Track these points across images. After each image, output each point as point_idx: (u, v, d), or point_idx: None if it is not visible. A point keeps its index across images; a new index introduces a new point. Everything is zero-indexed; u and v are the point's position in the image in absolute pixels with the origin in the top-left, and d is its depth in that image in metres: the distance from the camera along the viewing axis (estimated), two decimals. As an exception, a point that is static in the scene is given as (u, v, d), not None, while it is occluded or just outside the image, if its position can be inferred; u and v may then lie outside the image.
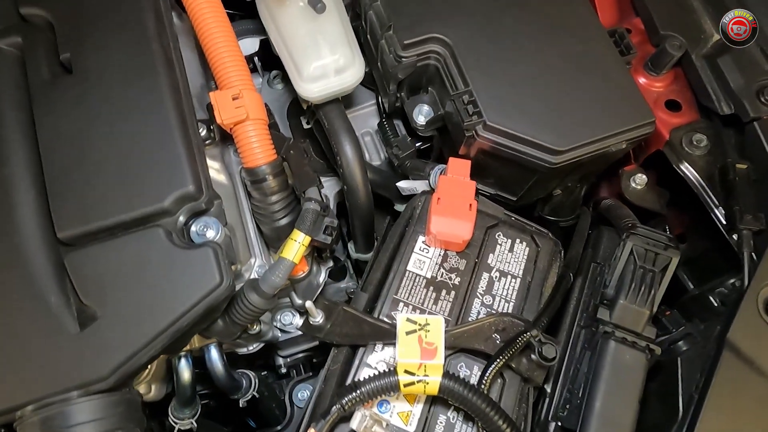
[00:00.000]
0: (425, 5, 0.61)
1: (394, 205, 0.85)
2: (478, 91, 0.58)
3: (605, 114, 0.57)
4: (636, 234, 0.62)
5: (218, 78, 0.64)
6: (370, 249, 0.83)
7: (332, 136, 0.68)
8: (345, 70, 0.63)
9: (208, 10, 0.64)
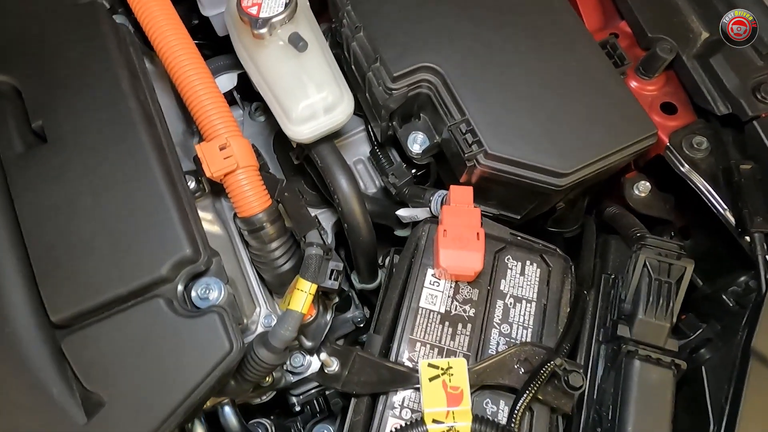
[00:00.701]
0: (411, 34, 0.59)
1: (394, 230, 0.83)
2: (475, 119, 0.56)
3: (607, 131, 0.56)
4: (647, 246, 0.61)
5: (203, 129, 0.61)
6: (374, 279, 0.81)
7: (327, 174, 0.66)
8: (334, 108, 0.61)
9: (184, 57, 0.61)
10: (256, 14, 0.58)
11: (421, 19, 0.60)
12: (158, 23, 0.62)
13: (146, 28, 0.62)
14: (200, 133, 0.63)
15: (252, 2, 0.59)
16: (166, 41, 0.61)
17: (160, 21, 0.62)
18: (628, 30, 0.71)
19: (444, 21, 0.60)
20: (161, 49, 0.62)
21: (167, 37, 0.61)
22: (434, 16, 0.60)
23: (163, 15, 0.62)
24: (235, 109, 0.94)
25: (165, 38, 0.61)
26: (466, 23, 0.60)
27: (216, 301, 0.55)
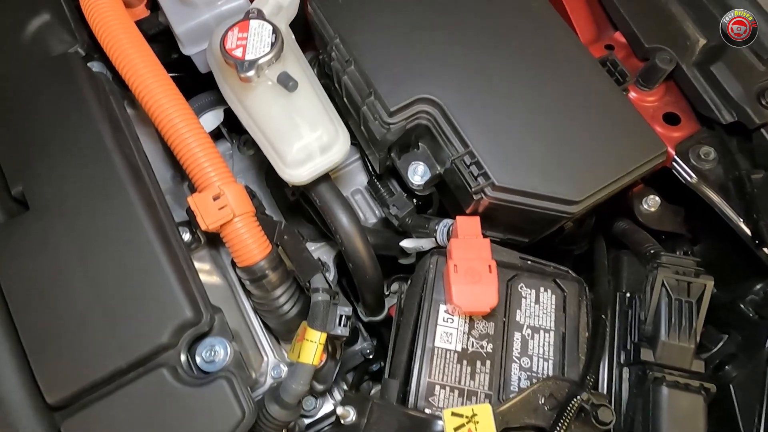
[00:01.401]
0: (405, 65, 0.57)
1: (398, 259, 0.80)
2: (479, 151, 0.54)
3: (617, 153, 0.54)
4: (663, 265, 0.60)
5: (194, 179, 0.58)
6: (381, 312, 0.78)
7: (326, 213, 0.63)
8: (330, 147, 0.58)
9: (168, 103, 0.58)
10: (242, 56, 0.55)
11: (415, 48, 0.58)
12: (137, 70, 0.59)
13: (125, 75, 0.59)
14: (190, 180, 0.60)
15: (236, 44, 0.56)
16: (147, 89, 0.58)
17: (138, 67, 0.59)
18: (623, 41, 0.69)
19: (438, 49, 0.58)
20: (143, 98, 0.59)
21: (148, 84, 0.58)
22: (427, 45, 0.58)
23: (141, 60, 0.59)
24: (223, 142, 0.91)
25: (146, 86, 0.58)
26: (461, 50, 0.58)
27: (223, 363, 0.52)
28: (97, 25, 0.61)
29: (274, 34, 0.56)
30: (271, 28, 0.56)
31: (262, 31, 0.56)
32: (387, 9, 0.60)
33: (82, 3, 0.63)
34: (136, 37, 0.61)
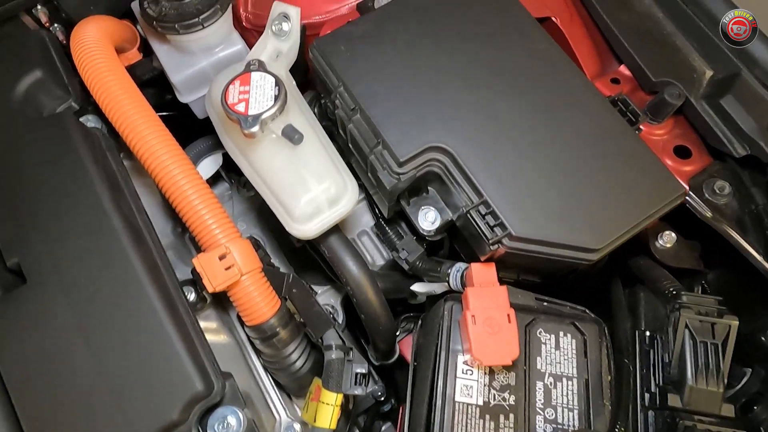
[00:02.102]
0: (413, 113, 0.55)
1: (408, 300, 0.78)
2: (494, 200, 0.52)
3: (636, 198, 0.52)
4: (685, 305, 0.58)
5: (199, 239, 0.56)
6: (393, 356, 0.76)
7: (336, 265, 0.61)
8: (339, 199, 0.56)
9: (168, 159, 0.56)
10: (245, 112, 0.53)
11: (422, 95, 0.56)
12: (135, 127, 0.56)
13: (122, 132, 0.57)
14: (194, 239, 0.58)
15: (238, 98, 0.54)
16: (146, 146, 0.56)
17: (136, 124, 0.57)
18: (628, 74, 0.68)
19: (446, 95, 0.56)
20: (142, 155, 0.56)
21: (147, 141, 0.56)
22: (435, 91, 0.56)
23: (137, 115, 0.57)
24: (221, 183, 0.89)
25: (145, 143, 0.56)
26: (469, 95, 0.56)
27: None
28: (90, 80, 0.59)
29: (277, 86, 0.54)
30: (273, 80, 0.54)
31: (264, 83, 0.55)
32: (391, 55, 0.58)
33: (74, 56, 0.61)
34: (131, 91, 0.59)
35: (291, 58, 0.66)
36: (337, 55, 0.58)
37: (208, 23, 0.62)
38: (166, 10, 0.62)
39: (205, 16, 0.62)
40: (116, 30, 0.71)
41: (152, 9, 0.62)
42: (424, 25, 0.60)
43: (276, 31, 0.65)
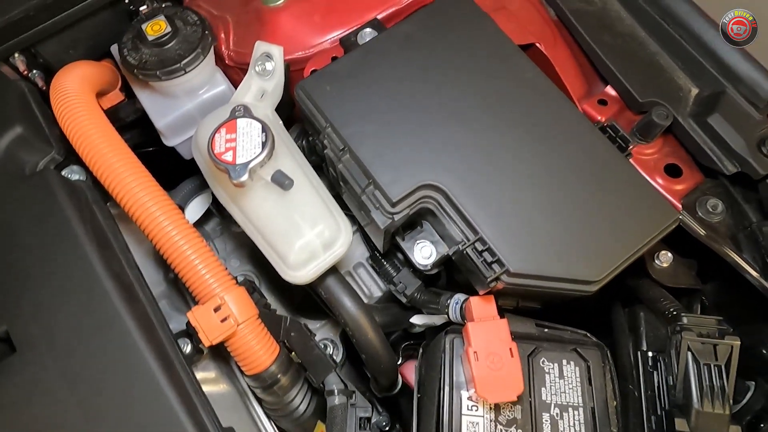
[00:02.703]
0: (404, 151, 0.54)
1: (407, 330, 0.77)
2: (490, 237, 0.51)
3: (631, 226, 0.52)
4: (686, 327, 0.58)
5: (192, 290, 0.55)
6: (395, 389, 0.75)
7: (333, 306, 0.60)
8: (333, 242, 0.56)
9: (159, 210, 0.55)
10: (233, 161, 0.52)
11: (411, 133, 0.56)
12: (119, 177, 0.55)
13: (107, 184, 0.56)
14: (188, 290, 0.57)
15: (225, 146, 0.53)
16: (132, 197, 0.55)
17: (120, 174, 0.56)
18: (614, 94, 0.68)
19: (435, 132, 0.56)
20: (129, 207, 0.55)
21: (133, 191, 0.55)
22: (424, 128, 0.56)
23: (121, 165, 0.56)
24: (212, 218, 0.88)
25: (130, 193, 0.55)
26: (459, 130, 0.56)
27: (242, 495, 0.48)
28: (72, 134, 0.57)
29: (264, 132, 0.53)
30: (260, 126, 0.54)
31: (251, 130, 0.54)
32: (378, 93, 0.57)
33: (54, 109, 0.60)
34: (113, 142, 0.58)
35: (276, 97, 0.65)
36: (323, 95, 0.58)
37: (190, 68, 0.61)
38: (146, 57, 0.61)
39: (187, 60, 0.61)
40: (96, 75, 0.70)
41: (132, 56, 0.61)
42: (409, 60, 0.60)
43: (260, 71, 0.64)
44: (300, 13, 0.69)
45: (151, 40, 0.61)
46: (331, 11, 0.70)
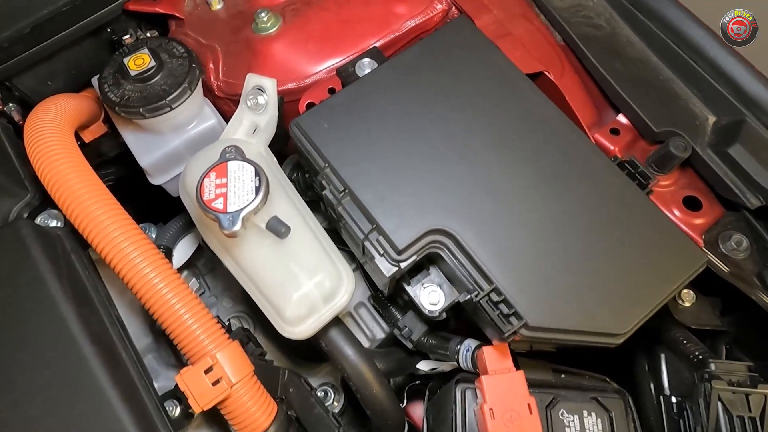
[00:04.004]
0: (409, 194, 0.50)
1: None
2: (506, 287, 0.47)
3: (657, 273, 0.49)
4: (715, 374, 0.54)
5: (182, 350, 0.50)
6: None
7: (336, 360, 0.56)
8: (335, 293, 0.51)
9: (143, 262, 0.50)
10: (223, 209, 0.48)
11: (416, 173, 0.52)
12: (99, 224, 0.51)
13: (86, 233, 0.51)
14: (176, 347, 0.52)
15: (215, 193, 0.49)
16: (114, 247, 0.50)
17: (101, 221, 0.51)
18: (627, 123, 0.65)
19: (442, 170, 0.52)
20: (111, 258, 0.51)
21: (115, 241, 0.51)
22: (430, 166, 0.52)
23: (102, 210, 0.51)
24: (202, 254, 0.83)
25: (113, 244, 0.50)
26: (467, 168, 0.52)
27: None
28: (46, 177, 0.52)
29: (257, 176, 0.49)
30: (253, 169, 0.49)
31: (243, 174, 0.49)
32: (380, 130, 0.53)
33: (27, 148, 0.55)
34: (92, 185, 0.53)
35: (270, 133, 0.61)
36: (321, 133, 0.54)
37: (176, 104, 0.57)
38: (129, 93, 0.57)
39: (173, 96, 0.57)
40: (76, 109, 0.65)
41: (113, 93, 0.57)
42: (412, 94, 0.56)
43: (251, 105, 0.60)
44: (293, 42, 0.66)
45: (134, 76, 0.56)
46: (326, 39, 0.66)
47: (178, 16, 0.72)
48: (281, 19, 0.66)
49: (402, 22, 0.67)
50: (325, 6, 0.67)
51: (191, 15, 0.72)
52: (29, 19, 0.65)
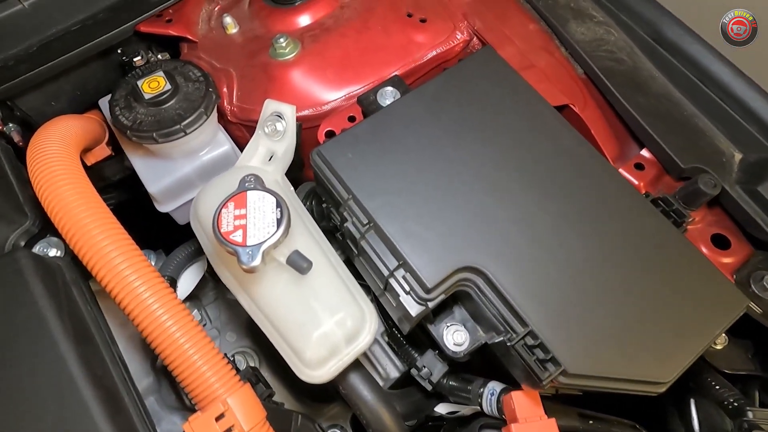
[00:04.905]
0: (438, 229, 0.48)
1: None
2: (542, 330, 0.45)
3: (701, 316, 0.46)
4: (753, 423, 0.51)
5: (190, 393, 0.46)
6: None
7: (354, 405, 0.52)
8: (357, 334, 0.48)
9: (151, 297, 0.47)
10: (243, 242, 0.45)
11: (446, 207, 0.49)
12: (105, 257, 0.47)
13: (90, 265, 0.47)
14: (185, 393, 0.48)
15: (233, 225, 0.46)
16: (121, 281, 0.47)
17: (106, 252, 0.47)
18: (651, 157, 0.64)
19: (473, 205, 0.50)
20: (117, 293, 0.47)
21: (121, 274, 0.47)
22: (460, 201, 0.50)
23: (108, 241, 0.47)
24: (206, 284, 0.79)
25: (119, 277, 0.47)
26: (499, 203, 0.50)
27: None
28: (49, 202, 0.49)
29: (279, 208, 0.46)
30: (274, 200, 0.47)
31: (263, 204, 0.47)
32: (407, 162, 0.51)
33: (30, 171, 0.52)
34: (98, 213, 0.49)
35: (287, 161, 0.58)
36: (345, 163, 0.51)
37: (191, 129, 0.55)
38: (141, 116, 0.54)
39: (188, 121, 0.54)
40: (81, 131, 0.62)
41: (125, 116, 0.54)
42: (438, 125, 0.54)
43: (269, 131, 0.58)
44: (312, 68, 0.64)
45: (148, 99, 0.54)
46: (345, 67, 0.64)
47: (192, 39, 0.70)
48: (300, 45, 0.65)
49: (423, 52, 0.66)
50: (345, 33, 0.66)
51: (205, 38, 0.70)
52: (37, 38, 0.63)
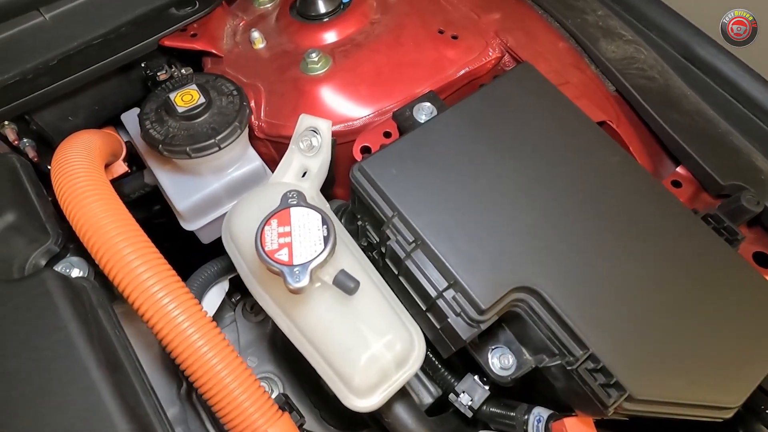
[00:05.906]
0: (491, 248, 0.46)
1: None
2: (604, 354, 0.43)
3: (762, 337, 0.45)
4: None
5: (227, 424, 0.43)
6: None
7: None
8: (407, 358, 0.45)
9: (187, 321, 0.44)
10: (289, 261, 0.42)
11: (498, 224, 0.48)
12: (137, 278, 0.44)
13: (122, 286, 0.45)
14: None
15: (278, 243, 0.43)
16: (155, 305, 0.44)
17: (139, 273, 0.44)
18: (687, 175, 0.63)
19: (525, 222, 0.48)
20: (150, 317, 0.44)
21: (155, 297, 0.44)
22: (512, 218, 0.48)
23: (141, 261, 0.45)
24: (223, 306, 0.76)
25: (154, 301, 0.44)
26: (551, 220, 0.48)
27: None
28: (76, 218, 0.46)
29: (325, 225, 0.44)
30: (320, 217, 0.44)
31: (308, 221, 0.44)
32: (451, 180, 0.50)
33: (55, 185, 0.49)
34: (128, 229, 0.47)
35: (322, 177, 0.56)
36: (389, 179, 0.49)
37: (225, 144, 0.52)
38: (174, 131, 0.52)
39: (222, 136, 0.52)
40: (102, 146, 0.59)
41: (156, 130, 0.52)
42: (481, 141, 0.53)
43: (304, 147, 0.56)
44: (344, 84, 0.62)
45: (181, 113, 0.52)
46: (377, 82, 0.63)
47: (217, 53, 0.68)
48: (331, 60, 0.63)
49: (454, 68, 0.65)
50: (376, 49, 0.65)
51: (230, 53, 0.69)
52: (57, 51, 0.61)
